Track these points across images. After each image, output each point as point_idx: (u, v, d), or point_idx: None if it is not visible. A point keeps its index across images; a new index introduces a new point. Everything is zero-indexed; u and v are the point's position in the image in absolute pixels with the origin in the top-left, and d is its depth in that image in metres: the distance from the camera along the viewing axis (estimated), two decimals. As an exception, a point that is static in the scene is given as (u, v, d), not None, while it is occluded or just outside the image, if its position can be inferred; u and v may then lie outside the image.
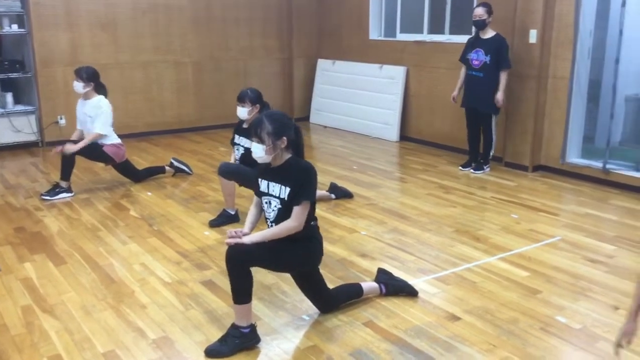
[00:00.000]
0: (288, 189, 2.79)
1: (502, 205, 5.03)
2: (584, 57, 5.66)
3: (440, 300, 3.34)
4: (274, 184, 2.86)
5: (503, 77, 5.76)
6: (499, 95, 5.76)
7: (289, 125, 2.84)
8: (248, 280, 2.76)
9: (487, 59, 5.76)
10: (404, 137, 7.56)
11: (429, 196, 5.30)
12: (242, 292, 2.78)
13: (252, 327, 2.85)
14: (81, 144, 5.16)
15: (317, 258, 3.02)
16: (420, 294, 3.40)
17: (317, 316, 3.16)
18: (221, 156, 6.56)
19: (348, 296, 3.25)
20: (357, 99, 8.05)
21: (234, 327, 2.82)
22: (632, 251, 4.02)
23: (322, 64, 8.66)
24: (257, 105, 4.45)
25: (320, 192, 5.15)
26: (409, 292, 3.37)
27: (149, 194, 5.38)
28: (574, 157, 5.88)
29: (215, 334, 2.93)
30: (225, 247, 2.77)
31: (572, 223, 4.59)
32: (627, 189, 5.36)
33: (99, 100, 5.27)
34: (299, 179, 2.79)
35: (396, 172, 6.29)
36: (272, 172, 2.88)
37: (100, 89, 5.33)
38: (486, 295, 3.39)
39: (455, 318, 3.13)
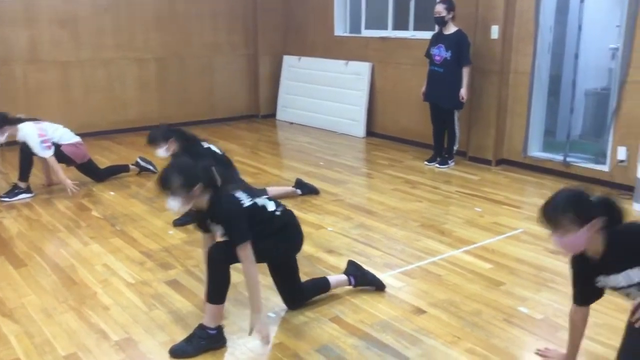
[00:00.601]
0: (221, 227, 2.79)
1: (466, 199, 5.09)
2: (544, 52, 5.77)
3: (406, 294, 3.36)
4: (212, 224, 2.84)
5: (465, 73, 5.82)
6: (463, 92, 5.82)
7: (196, 170, 2.72)
8: (226, 280, 2.77)
9: (448, 54, 5.81)
10: (370, 132, 7.60)
11: (395, 191, 5.34)
12: (218, 291, 2.77)
13: (220, 329, 2.82)
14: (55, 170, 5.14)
15: (298, 241, 3.05)
16: (386, 289, 3.42)
17: (284, 313, 3.15)
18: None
19: (316, 290, 3.25)
20: (324, 95, 8.05)
21: (201, 327, 2.79)
22: (591, 242, 4.11)
23: (288, 60, 8.63)
24: (170, 138, 4.39)
25: (286, 188, 5.18)
26: (377, 286, 3.40)
27: (112, 193, 5.29)
28: (536, 151, 6.00)
29: (179, 334, 2.90)
30: (191, 247, 2.73)
31: (534, 215, 4.58)
32: (587, 181, 5.48)
33: (21, 131, 5.04)
34: (225, 222, 2.76)
35: (362, 167, 6.31)
36: (203, 215, 2.84)
37: (15, 122, 5.08)
38: (451, 288, 3.43)
39: (420, 311, 3.16)
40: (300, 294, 3.17)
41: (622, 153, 5.16)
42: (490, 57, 5.93)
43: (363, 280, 3.38)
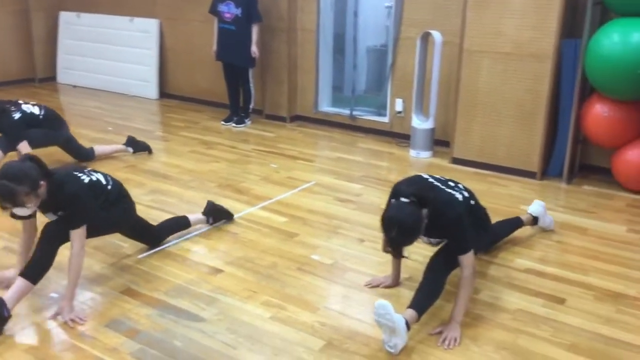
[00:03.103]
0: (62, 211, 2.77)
1: (263, 157, 5.16)
2: (327, 10, 5.98)
3: (202, 256, 3.32)
4: (49, 213, 2.81)
5: (255, 31, 5.80)
6: (254, 48, 5.82)
7: (30, 171, 2.60)
8: (52, 259, 2.73)
9: (239, 12, 5.74)
10: (164, 94, 7.29)
11: (192, 153, 5.21)
12: (41, 269, 2.70)
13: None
14: None
15: (132, 211, 3.15)
16: (181, 252, 3.35)
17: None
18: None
19: (174, 228, 3.49)
20: (109, 55, 7.49)
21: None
22: (376, 188, 4.44)
23: (65, 17, 7.84)
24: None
25: (117, 146, 5.09)
26: (227, 217, 3.75)
27: None
28: (326, 106, 6.27)
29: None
30: None
31: (325, 167, 4.91)
32: (371, 132, 5.91)
33: None
34: (69, 205, 2.73)
35: (157, 131, 6.04)
36: (44, 205, 2.75)
37: None
38: (247, 245, 3.46)
39: (217, 271, 3.15)
40: (156, 236, 3.38)
41: (399, 105, 5.62)
42: (278, 14, 5.99)
43: (217, 214, 3.71)
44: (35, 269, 2.68)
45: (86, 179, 2.86)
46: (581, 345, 2.55)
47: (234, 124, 6.13)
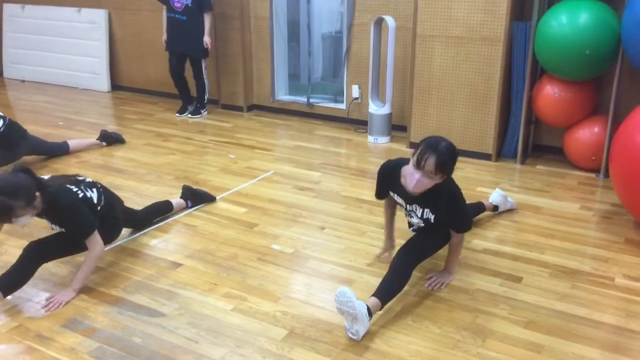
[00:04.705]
0: (62, 224, 2.82)
1: (221, 147, 5.10)
2: (280, -3, 5.92)
3: (161, 251, 3.27)
4: (54, 225, 2.86)
5: (207, 19, 5.68)
6: (207, 39, 5.71)
7: (24, 182, 2.58)
8: (28, 279, 2.75)
9: (189, 1, 5.60)
10: (116, 86, 7.11)
11: (147, 146, 5.11)
12: (13, 285, 2.73)
13: None
14: None
15: (117, 231, 3.19)
16: (139, 247, 3.29)
17: (22, 293, 2.81)
18: None
19: (159, 213, 3.60)
20: (57, 47, 7.25)
21: None
22: (335, 175, 4.44)
23: (9, 10, 7.54)
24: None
25: (90, 140, 5.03)
26: (208, 200, 3.87)
27: None
28: (283, 95, 6.23)
29: None
30: None
31: (284, 156, 4.88)
32: (328, 119, 5.90)
33: None
34: (66, 218, 2.77)
35: (110, 124, 5.89)
36: (45, 216, 2.79)
37: None
38: (207, 237, 3.42)
39: (176, 265, 3.10)
40: (142, 222, 3.49)
41: (355, 91, 5.63)
42: (230, 1, 5.89)
43: (196, 198, 3.82)
44: (9, 281, 2.71)
45: (80, 194, 2.83)
46: (538, 322, 2.61)
47: (189, 115, 6.03)
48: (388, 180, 2.86)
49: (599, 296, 2.82)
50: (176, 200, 3.74)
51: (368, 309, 2.47)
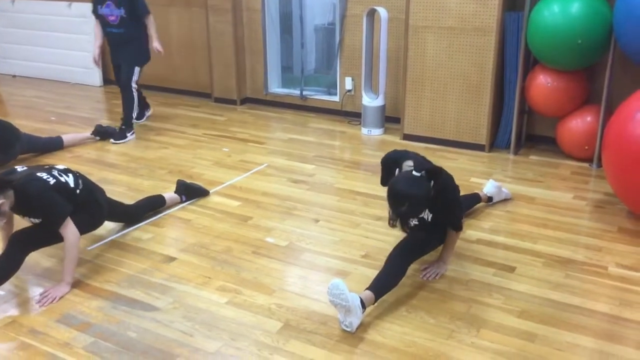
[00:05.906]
0: (39, 220, 2.79)
1: (214, 141, 5.08)
2: (272, -11, 5.89)
3: (155, 244, 3.26)
4: (26, 217, 2.83)
5: (149, 24, 5.06)
6: (156, 44, 5.08)
7: None
8: (16, 269, 2.74)
9: (122, 12, 4.96)
10: (108, 80, 7.05)
11: (140, 140, 5.09)
12: (6, 274, 2.71)
13: None
14: None
15: (101, 216, 3.14)
16: (133, 242, 3.28)
17: (15, 288, 2.81)
18: None
19: (151, 207, 3.59)
20: (49, 42, 7.20)
21: None
22: (329, 168, 4.44)
23: (0, 5, 7.48)
24: None
25: (84, 134, 5.01)
26: (202, 193, 3.86)
27: None
28: (276, 87, 6.21)
29: None
30: None
31: (277, 149, 4.88)
32: (321, 112, 5.88)
33: None
34: (38, 208, 2.73)
35: (102, 119, 5.86)
36: (17, 210, 2.77)
37: None
38: (201, 231, 3.41)
39: (170, 259, 3.09)
40: (133, 215, 3.47)
41: (348, 83, 5.61)
42: (222, -6, 5.86)
43: (191, 192, 3.81)
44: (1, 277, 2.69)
45: (51, 180, 2.78)
46: (532, 311, 2.62)
47: (112, 140, 5.03)
48: (388, 173, 2.88)
49: (592, 285, 2.83)
50: (169, 194, 3.73)
51: (361, 300, 2.47)
